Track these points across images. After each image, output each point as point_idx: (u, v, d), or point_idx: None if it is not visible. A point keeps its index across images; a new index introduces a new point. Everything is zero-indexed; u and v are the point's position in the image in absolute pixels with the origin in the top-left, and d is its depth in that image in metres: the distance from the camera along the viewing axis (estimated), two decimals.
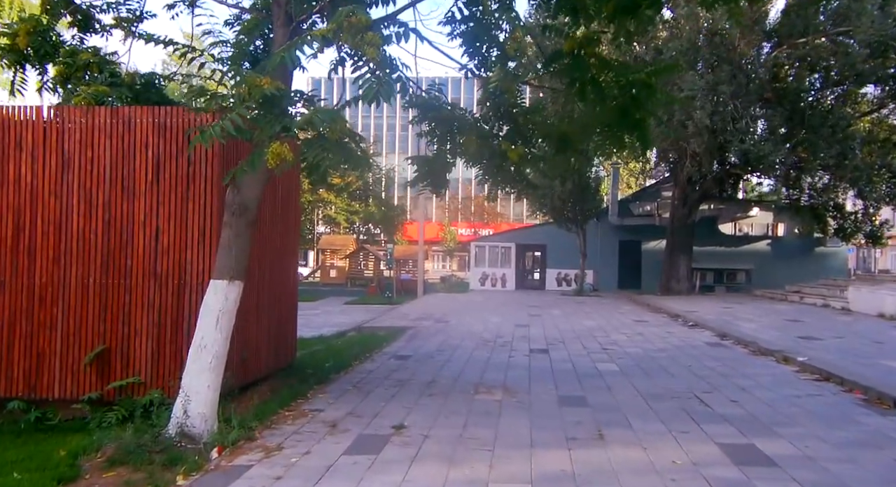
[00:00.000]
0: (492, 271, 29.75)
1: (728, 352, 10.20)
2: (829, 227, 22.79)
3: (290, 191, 8.51)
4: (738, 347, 10.85)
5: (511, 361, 9.28)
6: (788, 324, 13.64)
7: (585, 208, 24.32)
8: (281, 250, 8.24)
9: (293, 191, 8.74)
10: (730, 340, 11.51)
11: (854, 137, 18.14)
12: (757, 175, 22.28)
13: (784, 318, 14.79)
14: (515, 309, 18.72)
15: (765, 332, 12.15)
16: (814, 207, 22.47)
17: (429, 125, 6.46)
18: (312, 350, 10.59)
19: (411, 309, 18.93)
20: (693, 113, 16.46)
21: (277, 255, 8.11)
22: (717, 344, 11.06)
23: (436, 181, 6.67)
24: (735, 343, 11.23)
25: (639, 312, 17.75)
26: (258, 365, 7.50)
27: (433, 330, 13.25)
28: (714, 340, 11.56)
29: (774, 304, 19.59)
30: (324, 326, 16.25)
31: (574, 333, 12.61)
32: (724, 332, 12.17)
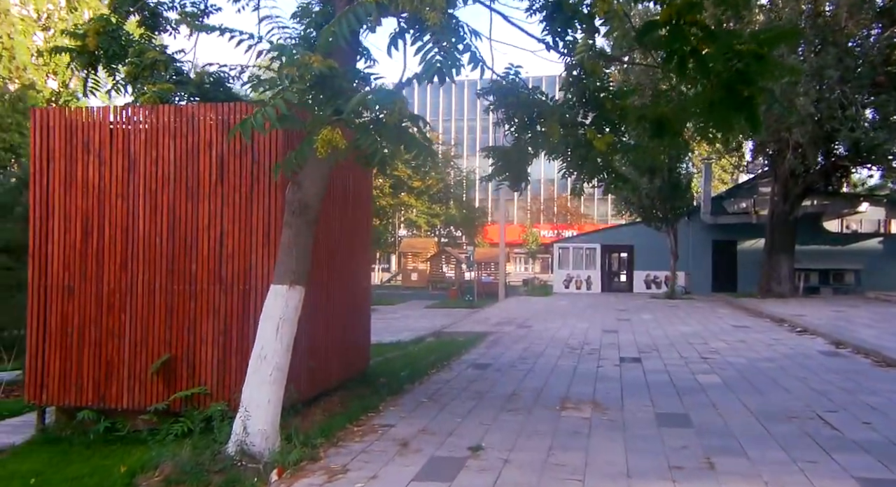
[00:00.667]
0: (576, 273, 28.61)
1: (848, 364, 8.93)
2: None
3: (360, 187, 8.09)
4: (858, 357, 9.52)
5: (600, 371, 8.46)
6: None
7: (676, 206, 22.80)
8: (351, 251, 7.83)
9: (364, 187, 8.31)
10: (847, 348, 10.16)
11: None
12: (868, 166, 20.04)
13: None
14: (602, 313, 17.68)
15: (889, 340, 10.67)
16: None
17: (506, 113, 5.82)
18: (388, 357, 10.18)
19: (492, 313, 18.29)
20: (796, 100, 14.90)
21: (347, 257, 7.71)
22: (834, 354, 9.75)
23: (515, 175, 6.02)
24: (854, 352, 9.88)
25: (738, 316, 16.30)
26: (327, 374, 7.10)
27: (515, 336, 12.56)
28: (829, 349, 10.23)
29: (888, 307, 17.51)
30: (403, 330, 15.92)
31: (668, 340, 11.56)
32: (839, 340, 10.77)
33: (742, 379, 7.73)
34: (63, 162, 6.45)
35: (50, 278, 6.44)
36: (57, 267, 6.43)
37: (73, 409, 6.41)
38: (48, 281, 6.45)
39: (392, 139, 3.83)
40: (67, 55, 7.14)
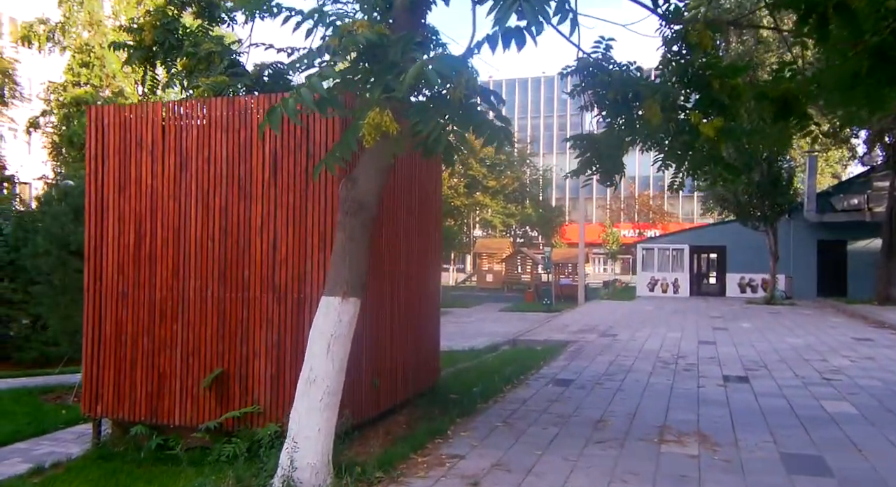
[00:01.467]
0: (661, 276, 26.90)
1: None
2: None
3: (429, 182, 7.38)
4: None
5: (702, 393, 7.38)
6: None
7: (777, 203, 20.82)
8: (419, 254, 7.14)
9: (433, 182, 7.58)
10: None
11: None
12: None
13: None
14: (694, 320, 16.25)
15: None
16: None
17: (595, 95, 4.94)
18: (459, 368, 9.45)
19: (572, 318, 17.22)
20: None
21: (415, 260, 7.02)
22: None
23: (606, 167, 5.13)
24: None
25: (856, 327, 14.50)
26: (392, 392, 6.43)
27: (599, 346, 11.53)
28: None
29: None
30: (477, 336, 15.18)
31: (777, 355, 10.22)
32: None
33: (883, 409, 6.46)
34: (117, 161, 6.08)
35: (105, 283, 6.10)
36: (111, 272, 6.08)
37: (127, 423, 6.04)
38: (103, 286, 6.10)
39: (459, 120, 3.07)
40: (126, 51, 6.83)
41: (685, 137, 5.37)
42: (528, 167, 47.21)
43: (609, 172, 5.19)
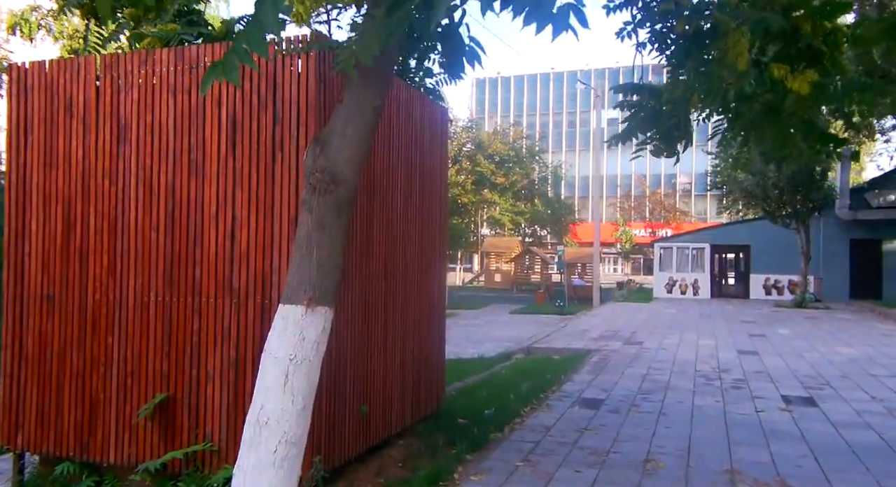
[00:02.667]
0: (680, 276, 25.50)
1: None
2: None
3: (431, 163, 6.09)
4: None
5: (764, 420, 6.06)
6: None
7: (811, 198, 19.40)
8: (421, 250, 5.87)
9: (436, 163, 6.29)
10: None
11: None
12: None
13: None
14: (724, 325, 14.89)
15: None
16: None
17: (654, 31, 3.65)
18: (468, 382, 8.18)
19: (589, 322, 15.89)
20: None
21: (416, 258, 5.75)
22: None
23: (667, 131, 3.83)
24: None
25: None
26: (386, 420, 5.16)
27: (625, 355, 10.21)
28: None
29: None
30: (485, 340, 13.93)
31: (836, 368, 8.87)
32: None
33: None
34: (42, 131, 4.84)
35: (27, 284, 4.86)
36: (34, 270, 4.84)
37: (53, 458, 4.80)
38: (24, 287, 4.87)
39: None
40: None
41: (767, 97, 4.08)
42: (537, 164, 45.88)
43: (670, 139, 3.88)
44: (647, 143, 4.02)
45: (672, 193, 55.61)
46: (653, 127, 3.82)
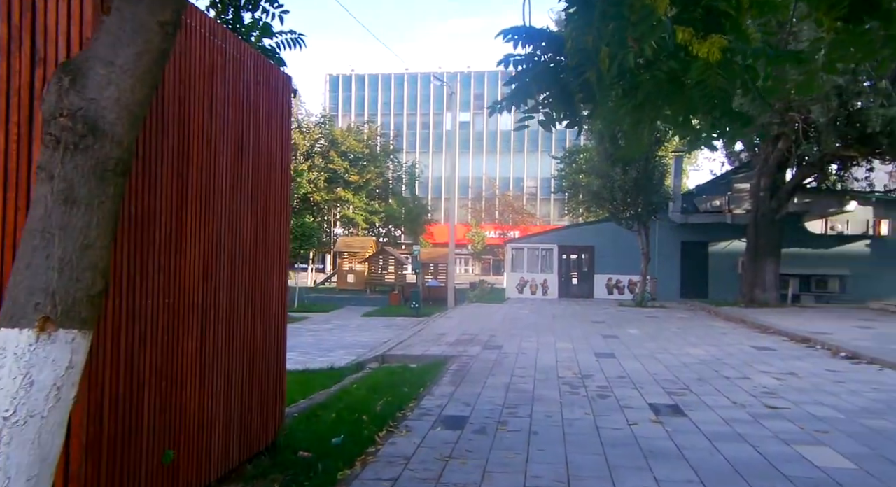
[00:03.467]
0: (531, 277, 25.93)
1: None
2: None
3: (271, 142, 4.86)
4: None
5: (639, 435, 5.56)
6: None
7: (652, 201, 20.41)
8: (256, 247, 4.62)
9: (277, 144, 5.05)
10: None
11: None
12: (879, 156, 17.95)
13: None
14: (578, 326, 14.94)
15: None
16: None
17: None
18: (314, 400, 7.01)
19: (446, 325, 15.26)
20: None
21: (247, 257, 4.49)
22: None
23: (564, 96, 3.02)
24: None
25: (744, 333, 13.83)
26: (203, 464, 3.87)
27: (486, 362, 9.56)
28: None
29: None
30: (336, 347, 12.77)
31: (691, 371, 8.84)
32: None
33: (881, 459, 4.95)
34: None
35: None
36: None
37: None
38: None
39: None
40: None
41: (671, 64, 3.43)
42: (392, 163, 45.15)
43: (571, 103, 3.08)
44: (538, 110, 3.19)
45: (520, 196, 57.61)
46: (550, 86, 2.98)
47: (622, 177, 19.52)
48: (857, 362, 9.58)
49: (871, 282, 22.54)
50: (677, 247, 24.36)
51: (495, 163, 72.42)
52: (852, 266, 22.98)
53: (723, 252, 24.06)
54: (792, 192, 19.51)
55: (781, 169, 18.80)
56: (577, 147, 47.50)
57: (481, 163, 72.43)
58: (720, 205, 22.92)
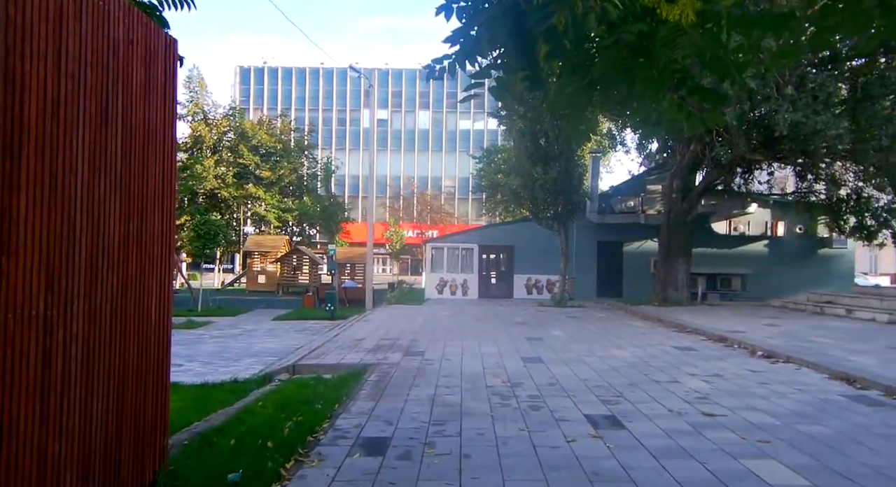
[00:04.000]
0: (451, 277, 25.47)
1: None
2: (846, 225, 19.71)
3: (149, 117, 3.93)
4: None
5: (580, 455, 5.03)
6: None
7: (571, 201, 20.38)
8: (128, 245, 3.70)
9: (158, 119, 4.10)
10: (875, 390, 7.33)
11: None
12: (780, 160, 18.70)
13: (889, 345, 10.96)
14: (501, 328, 14.51)
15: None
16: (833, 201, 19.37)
17: None
18: (212, 423, 6.08)
19: (364, 329, 14.43)
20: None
21: (117, 257, 3.58)
22: (874, 402, 6.86)
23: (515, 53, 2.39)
24: (887, 394, 7.16)
25: (663, 332, 13.83)
26: None
27: (408, 371, 8.86)
28: (850, 391, 7.36)
29: (821, 319, 15.78)
30: (243, 356, 11.70)
31: (621, 376, 8.50)
32: (841, 373, 8.07)
33: (828, 472, 4.65)
34: None
35: None
36: None
37: None
38: None
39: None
40: None
41: (639, 26, 2.89)
42: (306, 159, 43.55)
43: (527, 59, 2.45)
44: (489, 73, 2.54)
45: (439, 195, 57.32)
46: (507, 38, 2.33)
47: (543, 176, 19.36)
48: (775, 361, 9.61)
49: (768, 281, 23.65)
50: (594, 247, 24.61)
51: (413, 162, 71.82)
52: (752, 265, 24.06)
53: (636, 252, 24.52)
54: (702, 194, 20.05)
55: (693, 171, 19.25)
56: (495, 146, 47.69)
57: (399, 161, 71.63)
58: (634, 205, 23.33)
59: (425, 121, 73.20)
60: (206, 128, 37.11)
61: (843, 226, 19.72)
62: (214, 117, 38.65)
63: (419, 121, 73.05)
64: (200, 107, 37.60)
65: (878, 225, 18.90)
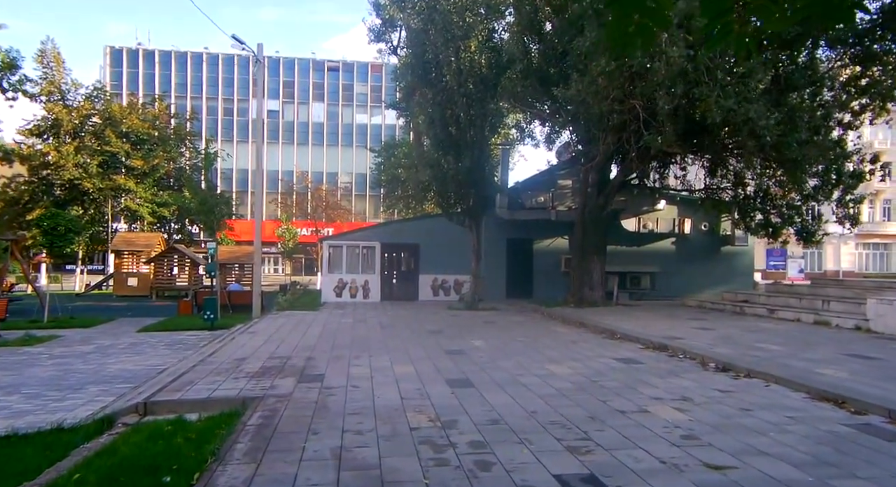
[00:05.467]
0: (350, 278, 23.21)
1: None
2: (752, 222, 19.57)
3: None
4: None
5: None
6: (870, 362, 9.13)
7: (485, 194, 18.80)
8: None
9: None
10: (878, 416, 6.14)
11: (833, 106, 14.60)
12: (695, 154, 18.06)
13: (841, 350, 10.10)
14: (413, 339, 12.59)
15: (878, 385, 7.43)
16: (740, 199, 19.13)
17: None
18: None
19: (248, 343, 12.04)
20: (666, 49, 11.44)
21: None
22: (891, 435, 5.62)
23: None
24: (890, 421, 6.03)
25: (593, 340, 12.43)
26: None
27: (303, 408, 6.74)
28: (850, 419, 6.09)
29: (746, 320, 15.01)
30: (87, 383, 9.18)
31: (574, 404, 6.85)
32: (820, 391, 6.89)
33: None
34: None
35: None
36: None
37: None
38: None
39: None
40: None
41: None
42: (187, 149, 39.46)
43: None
44: None
45: (335, 190, 54.53)
46: None
47: (455, 166, 17.68)
48: (736, 376, 8.37)
49: (675, 279, 23.41)
50: (503, 245, 23.28)
51: (307, 156, 68.23)
52: (660, 263, 23.72)
53: (547, 250, 23.47)
54: (618, 189, 19.19)
55: (608, 164, 18.33)
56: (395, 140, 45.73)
57: (292, 155, 67.77)
58: (545, 201, 22.20)
59: (320, 114, 69.78)
60: (64, 110, 32.35)
61: (749, 223, 19.56)
62: (74, 98, 33.85)
63: (313, 113, 69.54)
64: (57, 86, 32.75)
65: (782, 222, 18.85)
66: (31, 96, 32.26)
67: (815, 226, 18.55)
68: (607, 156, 16.81)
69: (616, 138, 15.09)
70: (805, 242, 18.97)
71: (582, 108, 13.89)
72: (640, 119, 13.44)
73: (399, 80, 28.55)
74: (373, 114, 70.09)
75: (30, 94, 31.90)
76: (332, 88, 69.78)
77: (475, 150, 17.87)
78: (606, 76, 12.66)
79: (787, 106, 13.25)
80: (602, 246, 19.66)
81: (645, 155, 15.73)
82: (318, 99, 69.50)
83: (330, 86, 69.72)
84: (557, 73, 16.71)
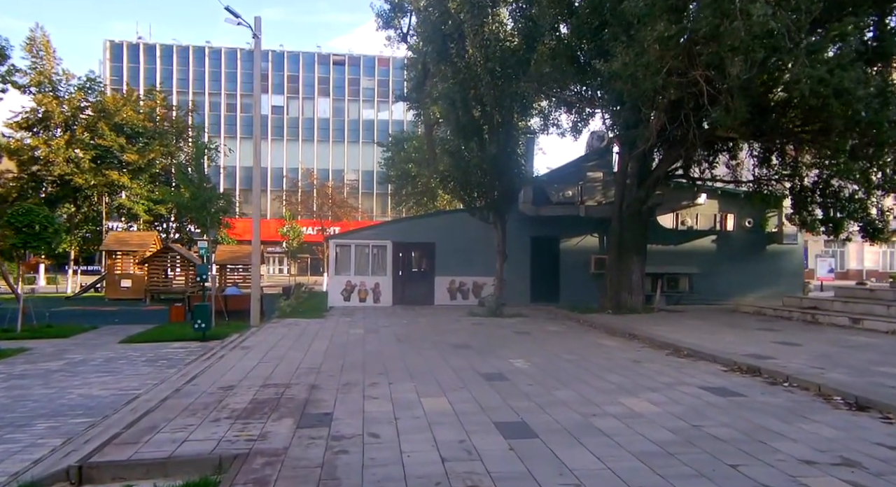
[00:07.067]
0: (359, 280, 21.20)
1: None
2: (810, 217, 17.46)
3: None
4: None
5: None
6: None
7: (512, 186, 16.75)
8: None
9: None
10: None
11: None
12: (759, 139, 15.84)
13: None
14: (437, 357, 10.53)
15: None
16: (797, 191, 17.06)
17: None
18: None
19: (239, 363, 10.04)
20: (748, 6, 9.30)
21: None
22: None
23: None
24: None
25: (656, 357, 10.31)
26: None
27: (302, 477, 4.74)
28: None
29: (826, 331, 12.90)
30: (37, 417, 7.24)
31: (697, 473, 4.85)
32: None
33: None
34: None
35: None
36: None
37: None
38: None
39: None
40: None
41: None
42: (185, 144, 37.53)
43: None
44: None
45: (342, 187, 52.54)
46: None
47: (479, 153, 15.64)
48: (887, 419, 6.31)
49: (714, 280, 21.27)
50: (527, 244, 21.20)
51: (312, 152, 66.32)
52: (699, 263, 21.50)
53: (574, 249, 21.40)
54: (663, 180, 17.09)
55: (650, 153, 16.27)
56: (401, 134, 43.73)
57: (297, 152, 65.85)
58: (573, 195, 20.10)
59: (325, 109, 67.82)
60: (54, 101, 30.49)
61: (805, 218, 17.45)
62: (66, 89, 31.97)
63: (318, 108, 67.60)
64: (47, 76, 30.88)
65: (845, 216, 16.74)
66: (21, 87, 30.42)
67: (883, 221, 16.42)
68: (653, 143, 14.73)
69: (670, 119, 13.01)
70: (872, 240, 16.83)
71: (629, 83, 11.83)
72: (705, 94, 11.34)
73: (409, 69, 26.53)
74: (380, 110, 68.08)
75: (19, 85, 30.09)
76: (338, 83, 67.81)
77: (502, 135, 15.84)
78: (663, 43, 10.62)
79: (874, 79, 11.14)
80: (642, 244, 17.54)
81: (708, 139, 13.62)
82: (324, 94, 67.57)
83: (336, 80, 67.74)
84: (592, 48, 14.66)
